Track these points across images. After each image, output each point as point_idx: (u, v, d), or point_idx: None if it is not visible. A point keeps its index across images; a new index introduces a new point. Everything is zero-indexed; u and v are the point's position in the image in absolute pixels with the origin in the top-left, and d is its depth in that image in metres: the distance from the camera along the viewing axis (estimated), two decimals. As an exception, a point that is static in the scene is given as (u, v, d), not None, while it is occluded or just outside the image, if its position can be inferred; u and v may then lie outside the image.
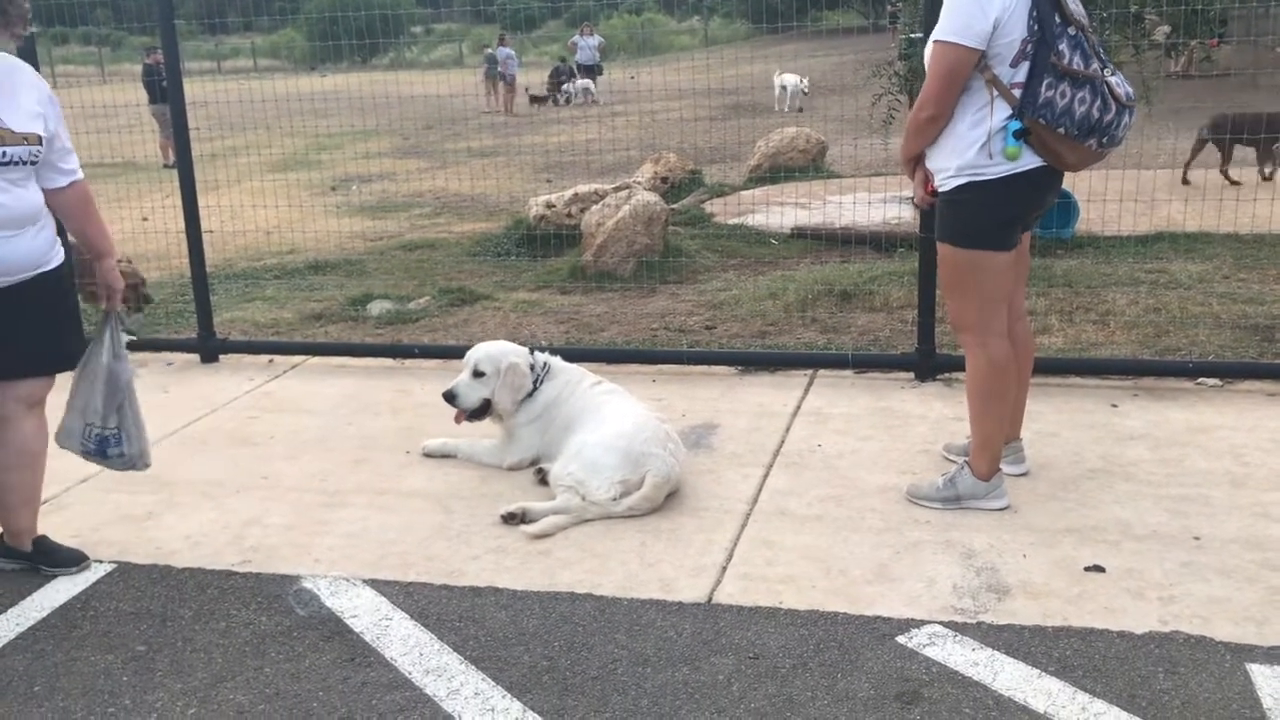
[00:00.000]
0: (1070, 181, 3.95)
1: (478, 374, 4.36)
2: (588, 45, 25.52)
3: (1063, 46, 3.37)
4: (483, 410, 4.39)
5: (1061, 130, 3.42)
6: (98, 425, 3.67)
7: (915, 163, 3.76)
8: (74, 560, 3.66)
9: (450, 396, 4.37)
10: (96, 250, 3.67)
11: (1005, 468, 3.91)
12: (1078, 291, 6.52)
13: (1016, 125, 3.44)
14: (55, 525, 4.00)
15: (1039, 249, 7.46)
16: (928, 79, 3.56)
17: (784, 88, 19.45)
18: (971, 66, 3.45)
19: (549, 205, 9.32)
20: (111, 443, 3.69)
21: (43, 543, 3.69)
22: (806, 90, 19.16)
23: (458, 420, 4.41)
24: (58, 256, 3.54)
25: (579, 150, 12.82)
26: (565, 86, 24.79)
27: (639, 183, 10.41)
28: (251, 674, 3.01)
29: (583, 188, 9.47)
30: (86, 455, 3.75)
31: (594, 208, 8.45)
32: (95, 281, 3.71)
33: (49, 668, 3.08)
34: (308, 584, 3.50)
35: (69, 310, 3.68)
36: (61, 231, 3.64)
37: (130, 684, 2.99)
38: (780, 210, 9.89)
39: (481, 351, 4.40)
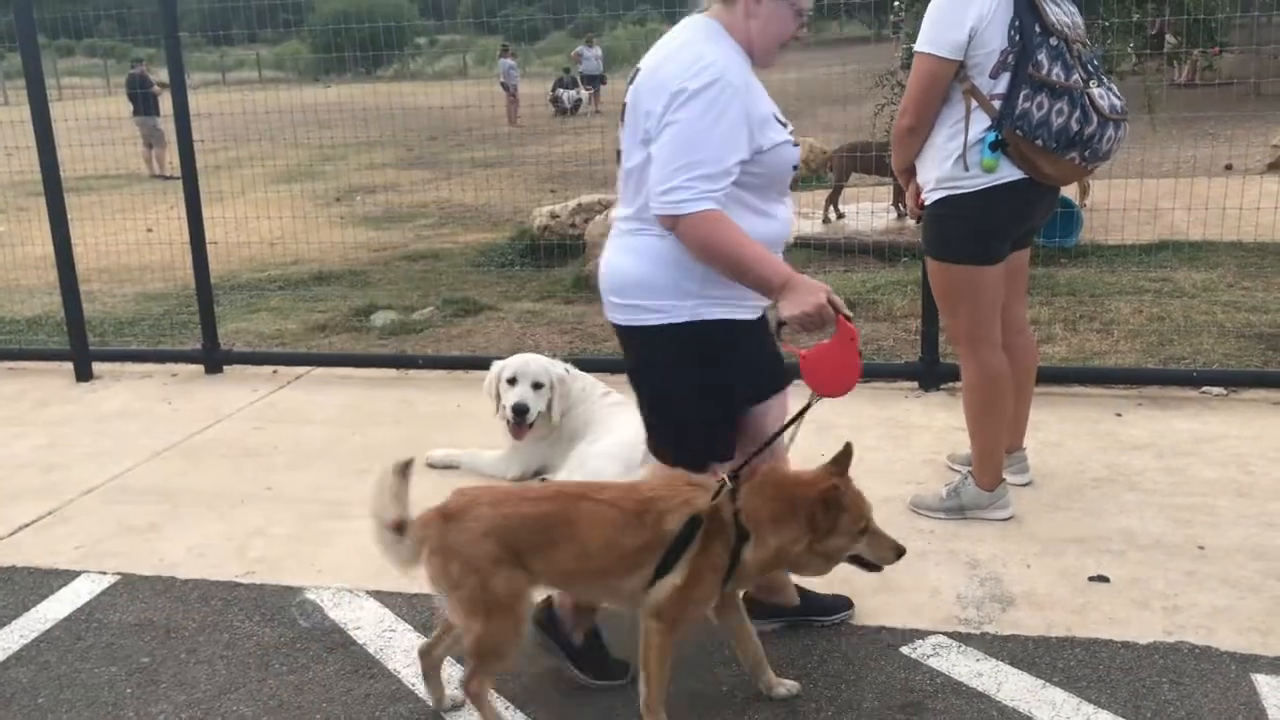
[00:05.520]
0: (1074, 190, 3.94)
1: (537, 386, 4.31)
2: (592, 56, 25.58)
3: (1041, 57, 3.32)
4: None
5: (1039, 142, 3.37)
6: None
7: (909, 174, 3.76)
8: (844, 605, 3.21)
9: (523, 411, 4.26)
10: None
11: (1009, 477, 3.91)
12: (1081, 300, 6.52)
13: (993, 136, 3.40)
14: (59, 537, 4.01)
15: (1042, 258, 7.45)
16: (907, 88, 3.56)
17: None
18: (948, 77, 3.44)
19: (553, 215, 9.33)
20: None
21: (808, 595, 3.21)
22: None
23: (520, 436, 4.31)
24: None
25: (583, 160, 12.83)
26: (559, 92, 24.81)
27: (642, 193, 10.40)
28: (255, 686, 3.01)
29: (586, 198, 9.49)
30: None
31: (598, 218, 8.47)
32: None
33: (53, 680, 3.08)
34: (311, 595, 3.50)
35: None
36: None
37: (134, 696, 2.99)
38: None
39: (536, 364, 4.33)
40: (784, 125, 2.72)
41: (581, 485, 2.77)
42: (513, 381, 4.30)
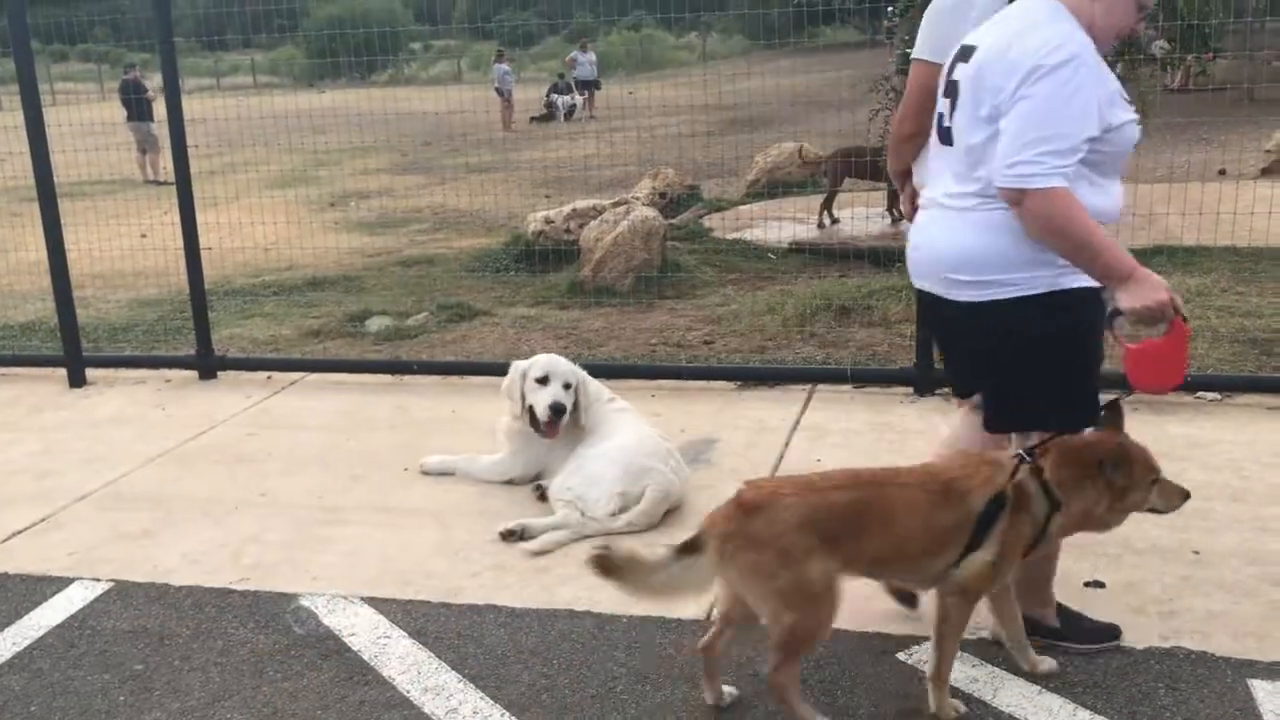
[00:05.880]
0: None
1: (566, 385, 4.30)
2: (586, 61, 25.61)
3: None
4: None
5: None
6: None
7: (905, 176, 3.75)
8: (1109, 634, 3.07)
9: (561, 410, 4.25)
10: None
11: (1005, 483, 3.90)
12: (1076, 305, 6.51)
13: None
14: (52, 544, 4.00)
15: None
16: (905, 95, 3.57)
17: None
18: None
19: (548, 221, 9.33)
20: None
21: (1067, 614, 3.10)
22: None
23: (553, 434, 4.29)
24: None
25: (577, 166, 12.84)
26: (554, 97, 24.94)
27: (637, 198, 10.42)
28: (249, 693, 3.00)
29: (581, 203, 9.49)
30: None
31: (592, 223, 8.47)
32: None
33: (46, 687, 3.07)
34: (306, 602, 3.49)
35: None
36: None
37: (127, 704, 2.98)
38: (778, 225, 9.91)
39: (564, 364, 4.34)
40: (1129, 103, 2.73)
41: (876, 472, 2.79)
42: (543, 381, 4.29)
